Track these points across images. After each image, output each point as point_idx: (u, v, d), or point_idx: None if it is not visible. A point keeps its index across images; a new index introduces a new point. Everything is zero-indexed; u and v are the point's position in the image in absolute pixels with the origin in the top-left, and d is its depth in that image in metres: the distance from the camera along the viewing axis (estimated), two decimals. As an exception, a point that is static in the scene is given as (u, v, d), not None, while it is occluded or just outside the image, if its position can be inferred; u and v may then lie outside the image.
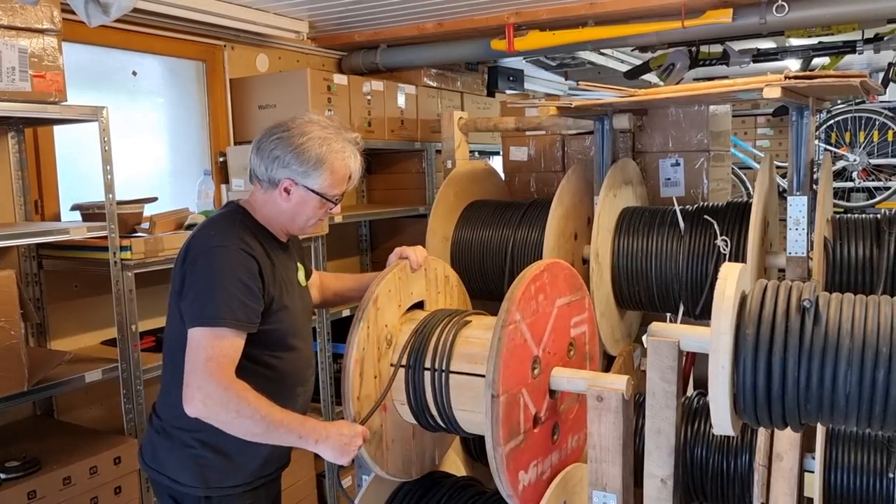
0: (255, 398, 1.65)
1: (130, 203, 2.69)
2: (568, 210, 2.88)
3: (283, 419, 1.69)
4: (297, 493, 3.27)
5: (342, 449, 1.72)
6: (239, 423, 1.65)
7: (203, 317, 1.67)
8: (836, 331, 1.38)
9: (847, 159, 6.14)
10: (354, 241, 4.25)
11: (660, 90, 2.50)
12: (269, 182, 1.83)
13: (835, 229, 2.63)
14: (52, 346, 2.74)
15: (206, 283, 1.70)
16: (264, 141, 1.83)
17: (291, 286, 1.91)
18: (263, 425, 1.65)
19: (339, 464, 1.75)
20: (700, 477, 2.69)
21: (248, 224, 1.84)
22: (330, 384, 3.38)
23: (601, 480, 1.70)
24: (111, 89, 3.11)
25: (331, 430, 1.74)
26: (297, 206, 1.84)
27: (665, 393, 1.59)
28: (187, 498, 1.84)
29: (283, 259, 1.90)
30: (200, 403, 1.62)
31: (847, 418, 1.40)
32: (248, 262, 1.74)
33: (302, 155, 1.78)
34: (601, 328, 2.73)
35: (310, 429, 1.72)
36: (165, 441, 1.86)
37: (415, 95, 3.94)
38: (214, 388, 1.62)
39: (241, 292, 1.70)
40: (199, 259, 1.74)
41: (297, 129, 1.80)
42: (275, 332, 1.81)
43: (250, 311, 1.72)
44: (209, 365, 1.63)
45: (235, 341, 1.69)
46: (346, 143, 1.85)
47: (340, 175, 1.84)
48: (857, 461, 2.55)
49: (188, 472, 1.82)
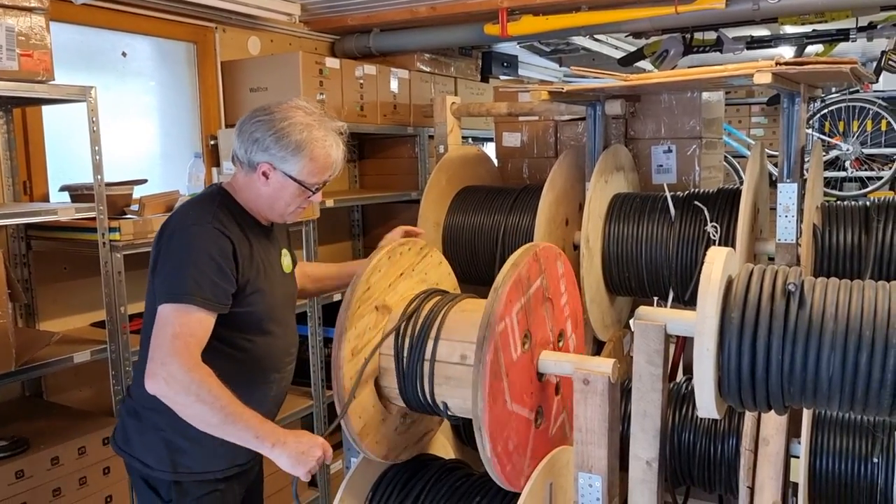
0: (218, 386, 1.61)
1: (119, 185, 2.68)
2: (559, 196, 2.88)
3: (243, 414, 1.62)
4: (283, 480, 3.27)
5: (298, 458, 1.63)
6: (197, 409, 1.59)
7: (172, 293, 1.65)
8: (821, 314, 1.39)
9: (840, 149, 6.15)
10: (346, 226, 4.24)
11: (651, 75, 2.50)
12: (248, 165, 1.81)
13: (824, 216, 2.64)
14: (41, 327, 2.73)
15: (178, 260, 1.69)
16: (246, 123, 1.81)
17: (272, 271, 1.89)
18: (220, 416, 1.59)
19: (296, 475, 1.66)
20: (687, 461, 2.71)
21: (227, 205, 1.82)
22: (321, 368, 3.39)
23: (587, 462, 1.71)
24: (100, 70, 3.09)
25: (289, 436, 1.66)
26: (275, 191, 1.82)
27: (651, 376, 1.60)
28: (158, 483, 1.83)
29: (264, 243, 1.89)
30: (163, 381, 1.59)
31: (830, 401, 1.41)
32: (222, 241, 1.73)
33: (282, 139, 1.76)
34: (591, 314, 2.74)
35: (268, 431, 1.64)
36: (136, 423, 1.85)
37: (408, 80, 3.93)
38: (178, 367, 1.58)
39: (213, 271, 1.68)
40: (174, 237, 1.73)
41: (280, 114, 1.78)
42: (249, 315, 1.80)
43: (220, 291, 1.69)
44: (175, 343, 1.60)
45: (204, 320, 1.66)
46: (329, 132, 1.82)
47: (320, 163, 1.81)
48: (842, 446, 2.57)
49: (157, 456, 1.81)
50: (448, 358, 1.82)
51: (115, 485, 2.47)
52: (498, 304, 1.67)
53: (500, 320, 1.67)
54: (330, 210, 3.50)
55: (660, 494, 1.66)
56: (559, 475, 1.90)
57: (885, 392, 1.34)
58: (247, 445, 1.65)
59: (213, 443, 1.80)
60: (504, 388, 1.71)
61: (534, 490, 1.77)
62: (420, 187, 3.89)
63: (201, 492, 1.85)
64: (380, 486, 2.04)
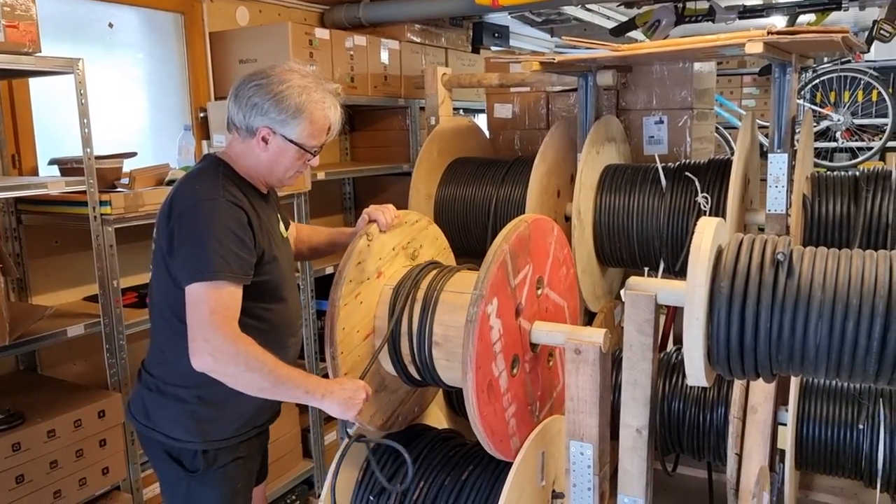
0: (263, 353, 1.66)
1: (109, 158, 2.66)
2: (551, 167, 2.89)
3: (290, 374, 1.70)
4: (283, 447, 3.32)
5: (347, 403, 1.72)
6: (248, 377, 1.65)
7: (199, 272, 1.65)
8: (809, 283, 1.41)
9: (831, 119, 6.15)
10: (338, 199, 4.23)
11: (642, 45, 2.49)
12: (246, 130, 1.80)
13: (814, 187, 2.66)
14: (33, 301, 2.73)
15: (198, 238, 1.68)
16: (242, 88, 1.79)
17: (276, 238, 1.90)
18: (271, 379, 1.66)
19: (345, 418, 1.76)
20: (677, 429, 2.75)
21: (230, 176, 1.81)
22: (314, 340, 3.40)
23: (578, 431, 1.74)
24: (87, 42, 3.05)
25: (334, 385, 1.74)
26: (274, 155, 1.81)
27: (642, 345, 1.62)
28: (184, 453, 1.85)
29: (266, 210, 1.89)
30: (209, 357, 1.62)
31: (817, 368, 1.43)
32: (238, 213, 1.73)
33: (281, 103, 1.75)
34: (582, 285, 2.76)
35: (315, 384, 1.73)
36: (159, 398, 1.86)
37: (398, 51, 3.89)
38: (223, 341, 1.61)
39: (235, 244, 1.69)
40: (187, 214, 1.71)
41: (277, 77, 1.77)
42: (266, 284, 1.81)
43: (244, 263, 1.71)
44: (214, 318, 1.62)
45: (235, 292, 1.68)
46: (327, 94, 1.82)
47: (320, 125, 1.81)
48: (828, 413, 2.62)
49: (184, 427, 1.83)
50: (442, 332, 1.84)
51: (111, 457, 2.49)
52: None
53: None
54: (321, 182, 3.48)
55: (650, 462, 1.69)
56: (551, 444, 1.93)
57: (871, 359, 1.37)
58: (297, 401, 1.78)
59: (237, 409, 1.85)
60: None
61: (526, 458, 1.80)
62: (411, 159, 3.88)
63: (227, 459, 1.88)
64: (374, 456, 2.06)
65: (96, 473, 2.47)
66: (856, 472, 2.61)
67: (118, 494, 2.58)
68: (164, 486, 1.94)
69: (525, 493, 1.80)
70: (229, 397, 1.76)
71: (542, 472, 1.89)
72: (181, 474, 1.87)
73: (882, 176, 2.57)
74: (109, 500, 2.55)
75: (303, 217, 3.26)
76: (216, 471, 1.87)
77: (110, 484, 2.53)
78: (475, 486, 1.92)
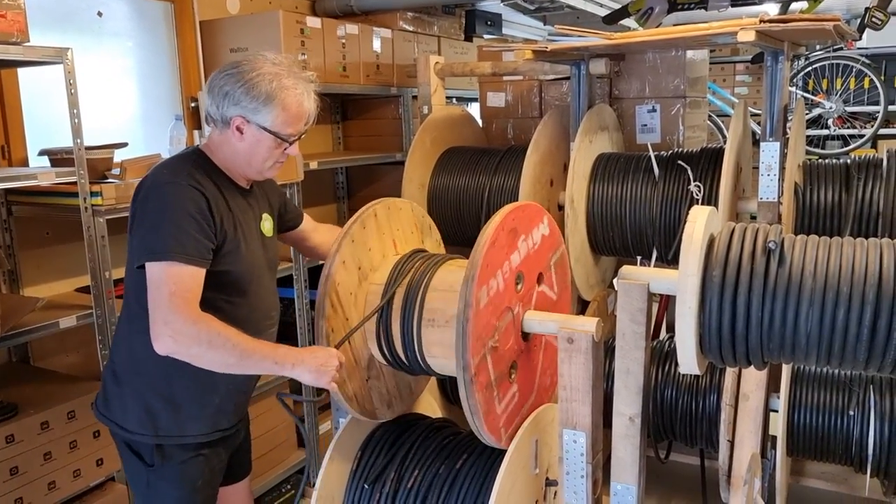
0: (224, 328, 1.64)
1: (100, 149, 2.64)
2: (544, 156, 2.88)
3: (256, 346, 1.68)
4: (276, 438, 3.32)
5: (319, 370, 1.71)
6: (212, 355, 1.63)
7: (154, 251, 1.65)
8: (800, 272, 1.41)
9: (823, 107, 6.16)
10: (331, 189, 4.22)
11: (635, 34, 2.49)
12: (221, 121, 1.80)
13: (806, 175, 2.66)
14: (25, 293, 2.72)
15: (156, 218, 1.69)
16: (216, 79, 1.79)
17: (249, 232, 1.88)
18: (237, 353, 1.64)
19: (319, 385, 1.74)
20: (670, 417, 2.77)
21: (202, 164, 1.82)
22: (308, 331, 3.40)
23: (571, 419, 1.75)
24: (76, 31, 3.02)
25: (305, 353, 1.73)
26: (250, 146, 1.80)
27: (634, 334, 1.62)
28: (141, 446, 1.85)
29: (242, 204, 1.88)
30: (170, 339, 1.61)
31: (807, 356, 1.44)
32: (198, 197, 1.73)
33: (251, 91, 1.75)
34: (575, 274, 2.77)
35: (283, 354, 1.71)
36: (116, 387, 1.86)
37: (390, 39, 3.87)
38: (182, 322, 1.60)
39: (192, 227, 1.68)
40: (150, 196, 1.73)
41: (248, 66, 1.77)
42: (228, 275, 1.80)
43: (201, 247, 1.70)
44: (174, 300, 1.61)
45: (195, 273, 1.67)
46: (299, 80, 1.80)
47: (293, 112, 1.79)
48: (819, 400, 2.64)
49: (138, 420, 1.82)
50: (433, 319, 1.84)
51: (105, 448, 2.49)
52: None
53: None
54: (314, 172, 3.47)
55: (642, 449, 1.70)
56: (544, 432, 1.94)
57: (861, 346, 1.38)
58: (268, 372, 1.74)
59: (192, 408, 1.84)
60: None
61: (520, 446, 1.80)
62: (404, 148, 3.87)
63: (185, 456, 1.87)
64: (368, 446, 2.07)
65: (90, 464, 2.47)
66: (846, 457, 2.63)
67: (113, 485, 2.58)
68: (128, 479, 1.96)
69: (519, 481, 1.81)
70: (182, 395, 1.76)
71: (535, 460, 1.89)
72: (141, 468, 1.87)
73: (873, 164, 2.58)
74: (104, 491, 2.55)
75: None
76: (175, 467, 1.86)
77: (105, 475, 2.54)
78: (469, 474, 1.93)
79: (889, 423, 2.51)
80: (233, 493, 2.17)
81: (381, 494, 1.98)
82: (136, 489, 1.92)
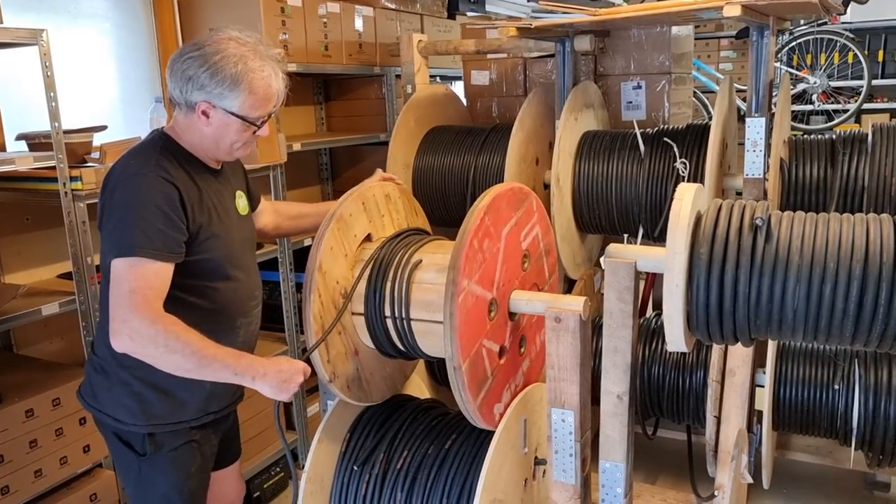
0: (185, 331, 1.59)
1: (78, 132, 2.60)
2: (529, 135, 2.87)
3: (217, 354, 1.61)
4: (265, 420, 3.31)
5: (281, 386, 1.65)
6: (168, 358, 1.58)
7: (120, 247, 1.61)
8: (787, 248, 1.41)
9: (807, 82, 6.16)
10: (315, 170, 4.18)
11: (620, 10, 2.46)
12: (186, 105, 1.73)
13: (791, 150, 2.66)
14: (6, 280, 2.68)
15: (124, 212, 1.63)
16: (177, 61, 1.71)
17: (226, 215, 1.84)
18: (194, 360, 1.58)
19: (279, 399, 1.68)
20: (657, 393, 2.79)
21: (170, 150, 1.75)
22: (294, 314, 3.39)
23: (559, 398, 1.75)
24: (51, 12, 2.95)
25: (269, 366, 1.66)
26: (218, 130, 1.74)
27: (622, 313, 1.62)
28: (131, 436, 1.83)
29: (215, 186, 1.83)
30: (127, 338, 1.56)
31: (794, 331, 1.44)
32: (168, 189, 1.67)
33: (216, 75, 1.67)
34: (562, 253, 2.76)
35: (245, 365, 1.64)
36: (104, 379, 1.83)
37: (373, 18, 3.82)
38: (140, 321, 1.55)
39: (160, 221, 1.63)
40: (118, 188, 1.67)
41: (212, 47, 1.69)
42: (208, 262, 1.76)
43: (170, 240, 1.65)
44: (134, 298, 1.57)
45: (160, 270, 1.62)
46: (266, 61, 1.73)
47: (261, 95, 1.72)
48: (804, 375, 2.66)
49: (128, 410, 1.80)
50: (420, 302, 1.83)
51: (92, 434, 2.47)
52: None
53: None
54: (297, 154, 3.44)
55: (630, 426, 1.71)
56: (532, 411, 1.94)
57: (848, 322, 1.38)
58: (226, 381, 1.65)
59: (182, 393, 1.82)
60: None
61: (508, 426, 1.81)
62: (388, 129, 3.83)
63: (177, 443, 1.85)
64: (357, 427, 2.07)
65: (77, 451, 2.46)
66: (831, 431, 2.66)
67: (100, 472, 2.57)
68: (118, 469, 1.93)
69: (508, 461, 1.82)
70: (172, 381, 1.70)
71: (524, 439, 1.90)
72: (132, 457, 1.84)
73: (858, 139, 2.58)
74: (91, 477, 2.54)
75: (280, 189, 3.21)
76: (166, 455, 1.84)
77: (92, 462, 2.52)
78: (458, 454, 1.93)
79: (873, 396, 2.54)
80: (223, 476, 2.17)
81: (370, 476, 1.98)
82: (126, 478, 1.90)
